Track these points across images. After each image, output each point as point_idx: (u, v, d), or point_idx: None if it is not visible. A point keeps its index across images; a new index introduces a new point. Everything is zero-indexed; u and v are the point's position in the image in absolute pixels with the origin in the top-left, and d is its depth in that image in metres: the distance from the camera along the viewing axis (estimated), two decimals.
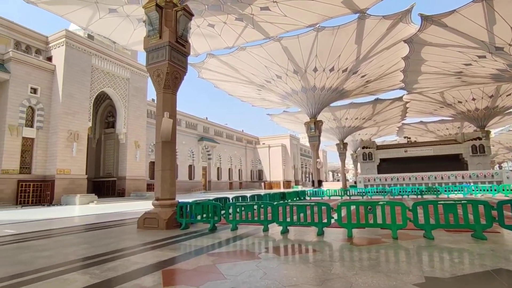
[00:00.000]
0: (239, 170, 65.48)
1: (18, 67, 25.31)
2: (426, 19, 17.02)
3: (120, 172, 33.06)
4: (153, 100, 43.92)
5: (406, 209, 6.69)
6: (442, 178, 29.67)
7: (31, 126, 26.07)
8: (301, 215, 7.69)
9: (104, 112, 36.15)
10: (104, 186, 33.93)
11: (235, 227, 8.47)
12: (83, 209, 20.75)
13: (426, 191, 23.73)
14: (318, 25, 18.21)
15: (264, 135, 78.90)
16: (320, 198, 24.70)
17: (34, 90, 26.33)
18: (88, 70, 29.23)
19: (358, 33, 19.44)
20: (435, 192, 23.40)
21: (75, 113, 27.65)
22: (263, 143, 74.04)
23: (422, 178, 30.27)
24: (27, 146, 25.87)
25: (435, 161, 32.65)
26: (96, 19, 16.96)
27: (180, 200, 9.90)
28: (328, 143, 77.37)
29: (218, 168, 57.84)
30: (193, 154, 50.90)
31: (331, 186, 41.61)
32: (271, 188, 65.96)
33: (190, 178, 49.53)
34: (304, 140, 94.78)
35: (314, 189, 27.02)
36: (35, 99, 26.27)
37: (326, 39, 20.29)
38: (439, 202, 6.95)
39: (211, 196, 26.28)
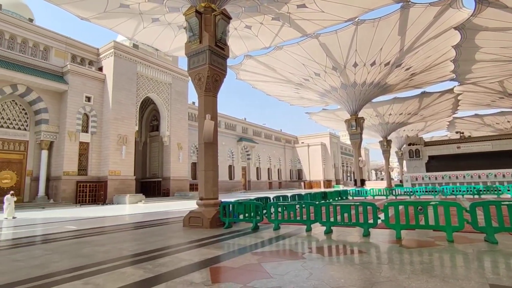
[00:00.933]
0: (278, 169, 65.40)
1: (75, 78, 27.75)
2: (481, 2, 15.54)
3: (165, 173, 34.74)
4: (193, 103, 45.55)
5: (462, 210, 6.19)
6: (503, 176, 26.93)
7: (86, 132, 28.42)
8: (345, 215, 7.46)
9: (149, 116, 38.24)
10: (150, 186, 35.89)
11: (277, 226, 8.47)
12: (133, 208, 22.14)
13: (484, 190, 21.76)
14: (357, 18, 17.54)
15: (303, 134, 77.97)
16: (363, 197, 23.80)
17: (88, 99, 28.66)
18: (134, 77, 31.14)
19: (401, 24, 18.38)
20: (496, 192, 21.35)
21: (124, 118, 29.60)
22: (302, 142, 73.17)
23: (479, 177, 27.78)
24: (83, 150, 28.25)
25: (494, 158, 29.78)
26: (141, 29, 17.99)
27: (222, 200, 10.14)
28: (371, 141, 74.27)
29: (257, 168, 58.31)
30: (232, 155, 51.87)
31: (374, 185, 39.89)
32: (311, 187, 64.96)
33: (230, 178, 50.54)
34: (345, 138, 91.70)
35: (357, 189, 26.10)
36: (89, 107, 28.59)
37: (366, 32, 19.47)
38: (502, 203, 6.31)
39: (252, 195, 26.57)
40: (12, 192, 16.59)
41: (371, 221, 7.24)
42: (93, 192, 27.87)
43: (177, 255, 5.81)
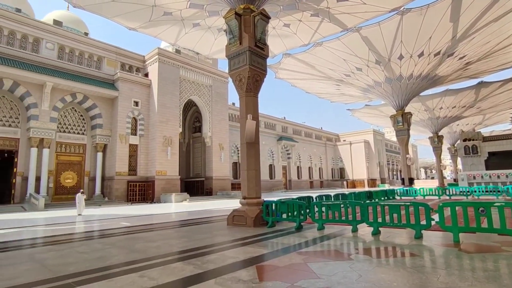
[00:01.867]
0: (319, 168, 64.15)
1: (124, 85, 29.77)
2: None
3: (207, 172, 35.85)
4: (233, 104, 46.39)
5: None
6: None
7: (135, 134, 30.33)
8: (395, 215, 7.09)
9: (191, 118, 39.74)
10: (194, 185, 37.28)
11: (321, 226, 8.31)
12: (178, 206, 23.15)
13: None
14: (402, 7, 16.55)
15: (344, 131, 75.50)
16: (412, 197, 22.42)
17: (136, 103, 30.56)
18: (177, 81, 32.55)
19: (453, 9, 16.98)
20: None
21: (168, 120, 31.09)
22: (344, 140, 70.96)
23: None
24: (133, 152, 30.19)
25: None
26: (183, 35, 18.76)
27: (264, 199, 10.20)
28: (419, 137, 69.74)
29: (298, 167, 57.75)
30: (272, 154, 51.96)
31: (424, 184, 37.38)
32: (354, 187, 62.76)
33: (270, 177, 50.68)
34: (390, 135, 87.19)
35: (405, 188, 24.66)
36: (137, 111, 30.48)
37: (413, 21, 18.29)
38: None
39: (293, 195, 26.36)
40: (82, 190, 18.25)
41: (423, 222, 6.79)
42: (142, 191, 29.66)
43: (224, 252, 5.95)
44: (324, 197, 13.25)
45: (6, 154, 27.04)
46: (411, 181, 29.31)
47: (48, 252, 6.56)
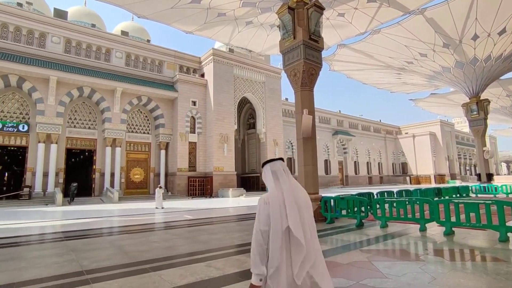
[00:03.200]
0: (378, 163, 60.60)
1: (183, 86, 31.59)
2: None
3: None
4: (286, 99, 46.15)
5: None
6: None
7: (194, 132, 32.01)
8: (472, 215, 6.39)
9: (246, 115, 40.58)
10: (249, 181, 38.09)
11: (385, 224, 7.87)
12: (235, 200, 23.91)
13: None
14: None
15: (406, 123, 70.04)
16: (492, 195, 19.93)
17: (194, 103, 32.20)
18: (231, 79, 33.48)
19: None
20: None
21: (224, 118, 32.18)
22: (406, 133, 65.86)
23: None
24: (192, 149, 31.92)
25: None
26: (236, 34, 19.20)
27: (322, 195, 10.00)
28: (499, 127, 61.66)
29: (355, 162, 55.32)
30: (328, 149, 50.58)
31: (507, 181, 32.93)
32: (418, 183, 57.98)
33: (326, 173, 49.43)
34: (461, 126, 78.67)
35: (481, 184, 22.04)
36: (195, 110, 32.12)
37: None
38: None
39: (351, 191, 25.38)
40: (160, 185, 19.60)
41: (510, 223, 6.01)
42: (201, 186, 31.25)
43: None
44: (386, 193, 12.50)
45: (87, 153, 30.76)
46: (489, 176, 26.06)
47: (125, 240, 7.31)
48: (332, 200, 9.15)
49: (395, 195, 12.59)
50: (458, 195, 17.68)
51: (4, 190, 30.54)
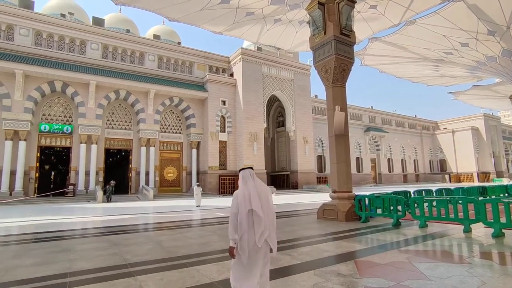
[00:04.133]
0: (414, 160, 57.86)
1: (212, 86, 32.18)
2: None
3: (292, 166, 36.11)
4: (315, 96, 45.43)
5: None
6: None
7: (224, 131, 32.51)
8: None
9: (275, 113, 40.51)
10: (279, 179, 38.05)
11: (424, 224, 7.51)
12: None
13: None
14: None
15: (444, 118, 66.09)
16: None
17: (224, 102, 32.69)
18: (260, 78, 33.56)
19: None
20: None
21: (253, 117, 32.36)
22: (444, 128, 62.22)
23: None
24: (222, 148, 32.45)
25: None
26: (264, 32, 19.16)
27: (356, 193, 9.75)
28: None
29: (388, 159, 53.26)
30: (359, 146, 49.16)
31: None
32: (459, 181, 54.58)
33: (358, 170, 48.09)
34: (509, 119, 73.10)
35: None
36: (225, 109, 32.59)
37: None
38: None
39: (385, 189, 24.50)
40: (198, 183, 19.68)
41: None
42: (232, 184, 31.66)
43: (318, 245, 5.93)
44: (424, 192, 11.91)
45: (123, 153, 32.34)
46: None
47: (163, 236, 7.61)
48: (366, 199, 8.89)
49: (434, 194, 11.97)
50: (506, 194, 16.42)
51: (52, 188, 32.94)
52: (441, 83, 31.02)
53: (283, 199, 22.77)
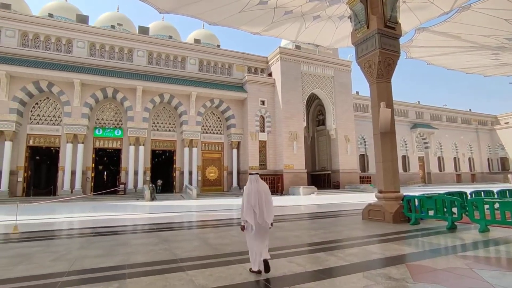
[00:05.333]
0: (469, 159, 53.26)
1: (251, 86, 32.53)
2: None
3: (333, 165, 35.23)
4: (357, 93, 43.85)
5: None
6: None
7: (263, 131, 32.69)
8: None
9: (315, 111, 39.81)
10: (320, 178, 37.32)
11: (485, 228, 6.89)
12: (307, 199, 23.67)
13: None
14: None
15: (506, 112, 59.91)
16: None
17: (263, 102, 32.87)
18: (299, 76, 33.22)
19: None
20: None
21: (293, 116, 32.14)
22: (506, 123, 56.37)
23: None
24: (262, 147, 32.66)
25: None
26: (303, 30, 18.93)
27: (404, 193, 9.25)
28: None
29: (438, 157, 49.63)
30: (405, 144, 46.48)
31: None
32: None
33: (404, 170, 45.51)
34: None
35: None
36: (264, 109, 32.76)
37: None
38: None
39: (436, 189, 22.92)
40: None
41: None
42: (272, 183, 31.72)
43: (365, 247, 5.73)
44: (483, 193, 10.92)
45: (168, 154, 33.96)
46: None
47: (208, 233, 7.87)
48: (416, 199, 8.40)
49: (496, 196, 10.93)
50: None
51: (105, 187, 35.68)
52: (500, 73, 28.20)
53: (324, 199, 22.33)
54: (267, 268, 4.00)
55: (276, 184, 31.53)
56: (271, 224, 4.18)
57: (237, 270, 4.29)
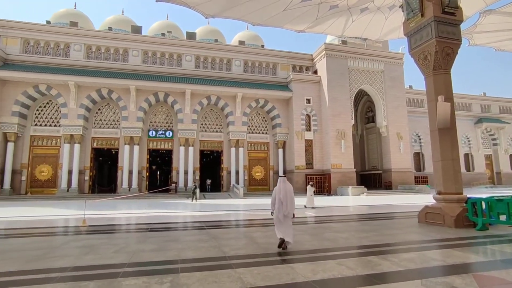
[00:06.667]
0: None
1: (296, 85, 32.18)
2: None
3: (385, 165, 33.35)
4: (410, 87, 41.03)
5: None
6: None
7: (309, 130, 32.13)
8: None
9: (363, 108, 38.08)
10: (370, 178, 35.59)
11: None
12: (356, 199, 22.72)
13: None
14: None
15: None
16: None
17: (308, 100, 32.32)
18: (346, 72, 32.05)
19: None
20: None
21: (340, 113, 31.10)
22: None
23: None
24: (308, 147, 32.12)
25: None
26: (350, 24, 18.19)
27: (468, 195, 8.39)
28: None
29: (510, 155, 44.22)
30: (469, 141, 42.23)
31: None
32: None
33: (468, 169, 41.38)
34: None
35: None
36: (310, 108, 32.20)
37: None
38: None
39: (506, 191, 20.50)
40: (311, 183, 18.47)
41: None
42: (319, 183, 31.04)
43: (423, 252, 5.31)
44: None
45: (215, 154, 35.04)
46: None
47: (256, 232, 7.94)
48: (483, 202, 7.56)
49: None
50: None
51: (158, 185, 38.01)
52: None
53: (375, 200, 21.25)
54: (280, 244, 5.52)
55: (323, 184, 30.80)
56: (293, 215, 5.84)
57: (284, 270, 4.26)
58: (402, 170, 32.37)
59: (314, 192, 17.67)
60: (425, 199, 19.02)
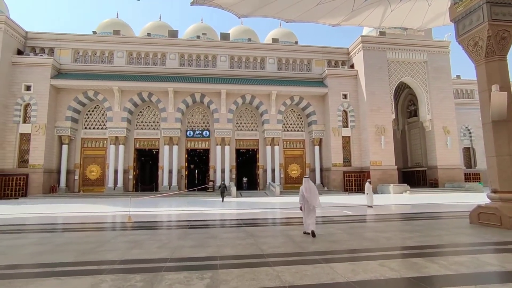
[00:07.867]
0: None
1: (332, 81, 31.34)
2: None
3: (430, 161, 31.36)
4: (457, 77, 38.15)
5: None
6: None
7: (346, 126, 31.15)
8: None
9: (404, 102, 36.09)
10: (414, 176, 33.68)
11: None
12: (397, 197, 21.65)
13: None
14: None
15: None
16: None
17: (345, 96, 31.34)
18: (385, 65, 30.57)
19: None
20: None
21: (379, 108, 29.76)
22: None
23: None
24: (345, 143, 31.15)
25: None
26: (388, 14, 17.29)
27: None
28: None
29: None
30: None
31: None
32: None
33: None
34: None
35: None
36: (346, 103, 31.20)
37: None
38: None
39: None
40: (369, 180, 17.08)
41: None
42: (358, 181, 30.02)
43: (475, 256, 4.89)
44: None
45: (251, 152, 35.30)
46: None
47: (293, 231, 7.86)
48: None
49: None
50: None
51: (196, 184, 39.22)
52: None
53: (419, 198, 20.08)
54: (313, 234, 6.68)
55: (363, 181, 29.68)
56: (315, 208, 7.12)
57: (323, 269, 4.16)
58: (450, 167, 30.22)
59: (356, 190, 16.70)
60: (477, 198, 17.59)
